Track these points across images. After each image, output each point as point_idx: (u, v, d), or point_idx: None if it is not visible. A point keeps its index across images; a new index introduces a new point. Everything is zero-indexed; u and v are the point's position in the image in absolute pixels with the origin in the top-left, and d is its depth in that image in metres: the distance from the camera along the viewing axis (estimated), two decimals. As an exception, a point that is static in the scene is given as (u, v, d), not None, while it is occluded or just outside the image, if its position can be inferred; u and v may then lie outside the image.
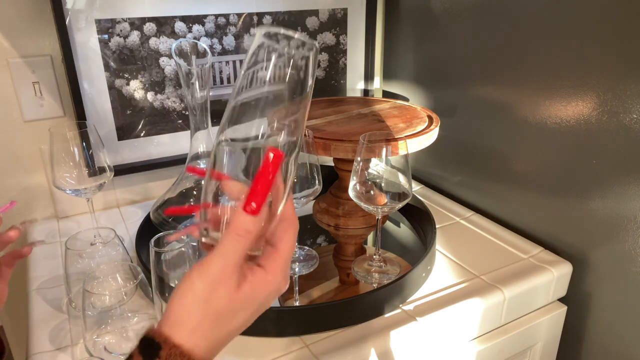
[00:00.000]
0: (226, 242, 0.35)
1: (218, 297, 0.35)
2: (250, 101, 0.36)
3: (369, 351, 0.62)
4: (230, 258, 0.35)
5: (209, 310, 0.35)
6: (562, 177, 0.79)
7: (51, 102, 0.88)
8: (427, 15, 0.99)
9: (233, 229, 0.35)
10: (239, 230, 0.35)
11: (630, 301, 0.73)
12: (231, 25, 0.96)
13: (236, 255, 0.35)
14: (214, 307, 0.35)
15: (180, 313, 0.35)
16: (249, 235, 0.35)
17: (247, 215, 0.35)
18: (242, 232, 0.35)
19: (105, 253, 0.71)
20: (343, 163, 0.84)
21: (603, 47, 0.69)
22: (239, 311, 0.37)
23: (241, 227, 0.35)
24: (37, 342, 0.64)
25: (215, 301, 0.35)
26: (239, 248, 0.35)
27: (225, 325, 0.36)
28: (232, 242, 0.35)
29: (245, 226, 0.35)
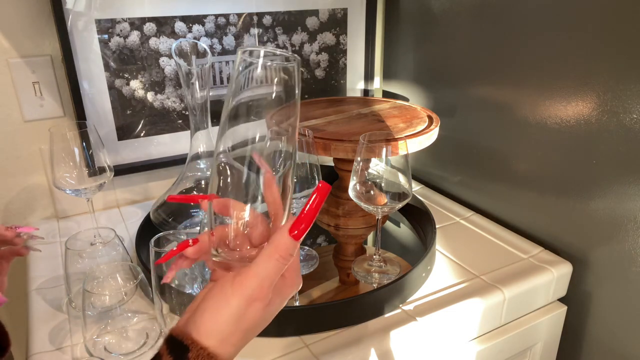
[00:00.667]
0: (267, 263, 0.36)
1: (252, 315, 0.37)
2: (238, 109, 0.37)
3: (369, 351, 0.62)
4: (269, 278, 0.36)
5: (241, 326, 0.37)
6: (562, 177, 0.79)
7: (51, 102, 0.88)
8: (427, 15, 0.99)
9: (277, 251, 0.36)
10: (282, 253, 0.36)
11: (630, 301, 0.73)
12: (231, 25, 0.96)
13: (274, 275, 0.37)
14: (247, 323, 0.37)
15: (213, 326, 0.36)
16: (290, 258, 0.37)
17: (291, 239, 0.36)
18: (286, 255, 0.36)
19: (105, 253, 0.71)
20: (343, 163, 0.84)
21: (603, 47, 0.69)
22: (264, 322, 0.39)
23: (285, 250, 0.36)
24: (37, 342, 0.64)
25: (249, 318, 0.37)
26: (279, 270, 0.37)
27: (252, 335, 0.38)
28: (273, 263, 0.36)
29: (290, 250, 0.36)
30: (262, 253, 0.37)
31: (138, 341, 0.63)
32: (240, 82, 0.37)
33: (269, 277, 0.37)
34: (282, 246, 0.36)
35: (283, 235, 0.36)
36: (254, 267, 0.37)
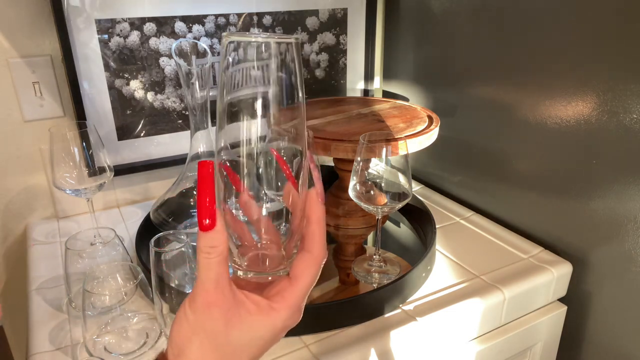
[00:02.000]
0: (199, 266, 0.34)
1: (211, 324, 0.34)
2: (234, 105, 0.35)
3: (369, 351, 0.62)
4: (208, 281, 0.34)
5: (205, 339, 0.34)
6: (562, 177, 0.79)
7: (51, 102, 0.88)
8: (427, 15, 0.99)
9: (199, 250, 0.34)
10: (203, 249, 0.33)
11: (630, 301, 0.73)
12: (231, 25, 0.96)
13: (212, 274, 0.33)
14: (210, 334, 0.34)
15: (181, 344, 0.34)
16: (215, 250, 0.33)
17: (205, 233, 0.33)
18: (207, 250, 0.33)
19: (105, 253, 0.71)
20: (343, 163, 0.84)
21: (603, 47, 0.69)
22: (243, 340, 0.35)
23: (204, 245, 0.33)
24: (37, 342, 0.64)
25: (209, 328, 0.34)
26: (211, 268, 0.33)
27: (230, 355, 0.35)
28: (202, 263, 0.34)
29: (207, 243, 0.33)
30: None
31: (138, 341, 0.63)
32: (231, 75, 0.34)
33: (208, 278, 0.33)
34: (200, 243, 0.34)
35: (198, 233, 0.34)
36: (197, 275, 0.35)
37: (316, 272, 0.36)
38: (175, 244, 0.57)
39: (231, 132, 0.35)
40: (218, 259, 0.33)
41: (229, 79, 0.34)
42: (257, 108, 0.34)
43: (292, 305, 0.36)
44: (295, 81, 0.34)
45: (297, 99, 0.35)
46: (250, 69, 0.33)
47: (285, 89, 0.34)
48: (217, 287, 0.34)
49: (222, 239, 0.33)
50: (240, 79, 0.34)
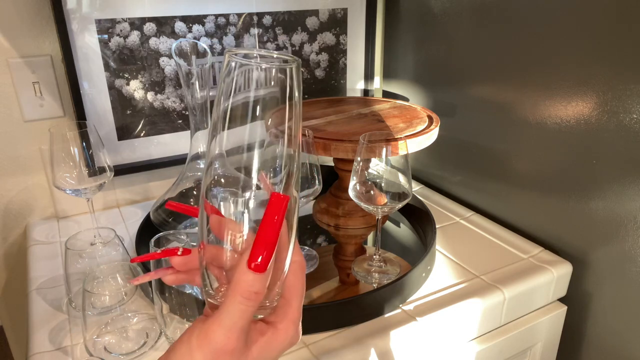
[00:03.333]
0: (230, 307, 0.30)
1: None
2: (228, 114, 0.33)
3: (369, 351, 0.62)
4: (234, 328, 0.30)
5: None
6: (562, 177, 0.79)
7: (51, 102, 0.88)
8: (427, 15, 0.99)
9: (237, 291, 0.30)
10: (244, 293, 0.30)
11: (630, 301, 0.73)
12: (231, 25, 0.96)
13: (242, 321, 0.30)
14: None
15: None
16: (257, 297, 0.30)
17: (252, 274, 0.29)
18: (248, 295, 0.30)
19: (105, 253, 0.71)
20: (343, 163, 0.84)
21: (603, 47, 0.69)
22: None
23: (246, 289, 0.30)
24: (37, 342, 0.64)
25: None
26: (245, 314, 0.30)
27: None
28: (237, 308, 0.30)
29: (252, 287, 0.30)
30: (226, 296, 0.31)
31: (138, 341, 0.63)
32: (231, 84, 0.32)
33: (235, 325, 0.30)
34: (243, 284, 0.30)
35: (243, 270, 0.30)
36: (217, 313, 0.31)
37: (304, 280, 0.35)
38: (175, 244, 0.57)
39: (227, 139, 0.33)
40: (254, 308, 0.30)
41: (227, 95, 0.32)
42: (248, 125, 0.32)
43: (294, 321, 0.34)
44: (293, 105, 0.32)
45: (294, 120, 0.33)
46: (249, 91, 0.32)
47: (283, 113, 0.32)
48: (239, 336, 0.31)
49: (265, 286, 0.31)
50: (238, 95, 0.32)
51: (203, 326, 0.31)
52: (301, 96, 0.33)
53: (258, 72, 0.31)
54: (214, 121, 0.33)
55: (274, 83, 0.31)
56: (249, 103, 0.32)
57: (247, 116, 0.32)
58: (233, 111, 0.32)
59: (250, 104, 0.32)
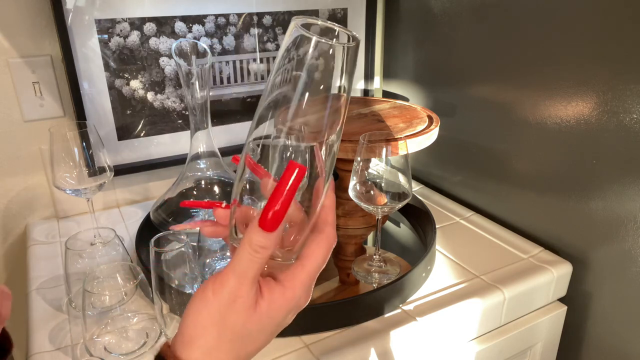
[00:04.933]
0: (241, 259, 0.33)
1: (234, 316, 0.34)
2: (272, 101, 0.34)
3: (369, 351, 0.62)
4: (245, 275, 0.33)
5: (225, 330, 0.33)
6: (562, 177, 0.79)
7: (51, 102, 0.88)
8: (427, 16, 0.99)
9: (248, 244, 0.33)
10: (253, 246, 0.33)
11: (630, 301, 0.73)
12: (231, 25, 0.96)
13: (251, 272, 0.33)
14: (230, 326, 0.34)
15: (194, 332, 0.34)
16: (264, 251, 0.33)
17: (260, 231, 0.32)
18: (257, 248, 0.33)
19: (105, 253, 0.71)
20: (343, 163, 0.84)
21: (603, 47, 0.69)
22: (256, 331, 0.35)
23: (256, 243, 0.33)
24: (37, 342, 0.64)
25: (231, 320, 0.33)
26: (254, 265, 0.33)
27: (243, 346, 0.35)
28: (246, 258, 0.33)
29: (260, 242, 0.33)
30: (238, 248, 0.34)
31: (138, 341, 0.63)
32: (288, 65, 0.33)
33: (245, 273, 0.33)
34: (253, 238, 0.32)
35: (254, 227, 0.33)
36: (230, 263, 0.34)
37: (326, 253, 0.36)
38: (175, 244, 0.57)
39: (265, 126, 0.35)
40: (263, 261, 0.33)
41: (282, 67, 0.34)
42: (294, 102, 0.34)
43: (303, 283, 0.35)
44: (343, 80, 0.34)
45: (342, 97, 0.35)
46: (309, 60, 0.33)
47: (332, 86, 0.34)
48: (251, 285, 0.33)
49: (275, 244, 0.33)
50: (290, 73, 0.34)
51: (217, 276, 0.34)
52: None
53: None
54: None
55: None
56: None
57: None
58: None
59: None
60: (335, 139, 0.36)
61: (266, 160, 0.35)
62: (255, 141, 0.35)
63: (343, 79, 0.34)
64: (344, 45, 0.33)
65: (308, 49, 0.33)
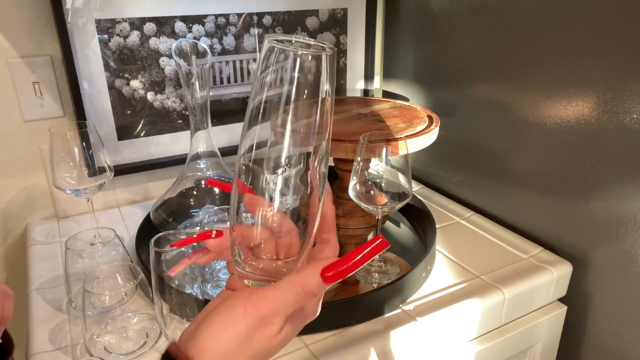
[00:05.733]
0: (288, 292, 0.34)
1: (259, 341, 0.34)
2: (258, 106, 0.35)
3: (369, 351, 0.62)
4: (285, 308, 0.34)
5: (246, 350, 0.34)
6: (562, 177, 0.79)
7: (51, 102, 0.88)
8: (427, 15, 0.99)
9: (302, 285, 0.33)
10: (306, 290, 0.33)
11: (630, 301, 0.73)
12: (231, 25, 0.96)
13: (293, 308, 0.34)
14: (253, 348, 0.34)
15: (215, 344, 0.34)
16: (311, 297, 0.34)
17: (320, 280, 0.33)
18: (309, 293, 0.33)
19: (105, 253, 0.71)
20: (343, 163, 0.84)
21: (603, 47, 0.69)
22: (273, 351, 0.36)
23: (311, 289, 0.33)
24: (37, 342, 0.64)
25: (255, 343, 0.34)
26: (298, 304, 0.34)
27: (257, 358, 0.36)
28: (294, 296, 0.34)
29: (315, 290, 0.33)
30: (285, 279, 0.34)
31: (138, 341, 0.63)
32: (266, 76, 0.34)
33: (285, 308, 0.34)
34: (310, 283, 0.33)
35: (314, 272, 0.33)
36: (273, 291, 0.34)
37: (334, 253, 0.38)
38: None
39: (255, 134, 0.35)
40: (303, 304, 0.35)
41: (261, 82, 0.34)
42: (279, 113, 0.34)
43: (319, 299, 0.38)
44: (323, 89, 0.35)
45: (324, 106, 0.35)
46: (283, 75, 0.34)
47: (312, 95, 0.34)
48: (283, 319, 0.35)
49: (321, 294, 0.36)
50: (272, 82, 0.34)
51: (253, 297, 0.34)
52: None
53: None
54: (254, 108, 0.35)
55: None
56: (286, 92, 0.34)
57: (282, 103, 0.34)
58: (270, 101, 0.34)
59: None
60: (325, 148, 0.36)
61: (257, 180, 0.35)
62: (243, 163, 0.36)
63: (327, 85, 0.35)
64: (326, 54, 0.34)
65: (290, 64, 0.33)
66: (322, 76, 0.34)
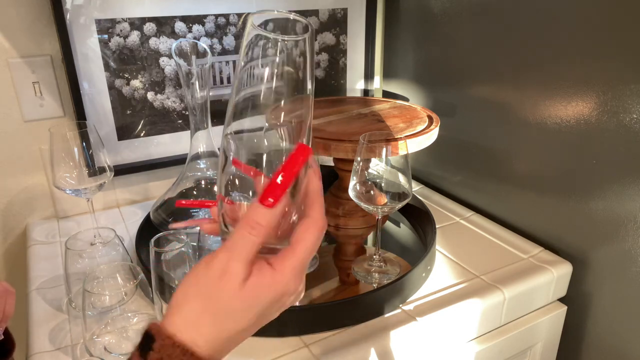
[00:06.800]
0: (235, 236, 0.34)
1: (220, 292, 0.34)
2: (250, 97, 0.36)
3: (369, 351, 0.62)
4: (237, 252, 0.34)
5: (209, 303, 0.34)
6: (562, 177, 0.79)
7: (51, 102, 0.88)
8: (427, 15, 0.99)
9: (245, 221, 0.33)
10: (250, 222, 0.33)
11: (630, 301, 0.73)
12: (231, 25, 0.96)
13: (243, 249, 0.34)
14: (215, 300, 0.34)
15: (180, 301, 0.34)
16: (260, 228, 0.33)
17: (261, 207, 0.33)
18: (253, 224, 0.33)
19: (105, 253, 0.71)
20: (343, 163, 0.84)
21: (603, 47, 0.69)
22: (240, 310, 0.34)
23: (252, 219, 0.33)
24: (37, 342, 0.64)
25: (216, 295, 0.33)
26: (246, 242, 0.33)
27: (225, 323, 0.34)
28: (240, 235, 0.34)
29: (257, 218, 0.33)
30: (235, 227, 0.35)
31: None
32: (251, 56, 0.35)
33: (239, 251, 0.33)
34: (254, 216, 0.33)
35: (254, 205, 0.33)
36: (224, 243, 0.34)
37: (316, 236, 0.36)
38: (175, 244, 0.57)
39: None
40: (257, 239, 0.34)
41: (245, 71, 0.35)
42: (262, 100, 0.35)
43: (292, 267, 0.35)
44: (304, 74, 0.36)
45: (306, 92, 0.36)
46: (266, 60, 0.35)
47: (294, 82, 0.36)
48: (241, 262, 0.34)
49: (273, 222, 0.34)
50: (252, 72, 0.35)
51: (211, 253, 0.34)
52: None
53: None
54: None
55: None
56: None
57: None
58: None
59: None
60: (309, 122, 0.37)
61: (244, 150, 0.37)
62: (231, 135, 0.37)
63: (309, 71, 0.36)
64: (307, 37, 0.35)
65: (277, 50, 0.35)
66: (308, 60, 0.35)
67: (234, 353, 0.37)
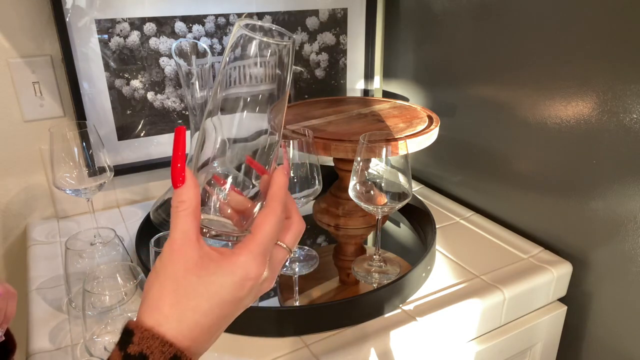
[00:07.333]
0: (170, 220, 0.37)
1: (173, 266, 0.35)
2: (240, 97, 0.40)
3: (369, 351, 0.62)
4: (174, 230, 0.36)
5: (165, 281, 0.35)
6: (562, 177, 0.79)
7: (51, 102, 0.88)
8: (427, 15, 0.99)
9: (172, 205, 0.37)
10: (173, 203, 0.37)
11: (630, 301, 0.73)
12: (231, 25, 0.96)
13: (178, 225, 0.36)
14: (170, 276, 0.35)
15: (147, 288, 0.36)
16: (182, 205, 0.36)
17: (176, 189, 0.37)
18: (176, 204, 0.36)
19: (105, 253, 0.71)
20: (343, 163, 0.84)
21: (603, 47, 0.69)
22: (199, 285, 0.35)
23: (175, 200, 0.37)
24: (37, 342, 0.64)
25: (170, 270, 0.35)
26: (177, 219, 0.36)
27: (185, 298, 0.34)
28: (172, 216, 0.37)
29: (177, 198, 0.36)
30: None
31: (138, 341, 0.63)
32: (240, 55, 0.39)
33: (175, 231, 0.36)
34: (173, 199, 0.37)
35: (174, 191, 0.37)
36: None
37: (273, 224, 0.38)
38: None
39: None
40: (185, 212, 0.36)
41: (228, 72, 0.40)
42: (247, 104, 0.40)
43: (249, 250, 0.37)
44: (284, 80, 0.40)
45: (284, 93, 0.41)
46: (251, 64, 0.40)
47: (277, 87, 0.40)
48: (184, 238, 0.36)
49: (190, 195, 0.37)
50: (238, 75, 0.40)
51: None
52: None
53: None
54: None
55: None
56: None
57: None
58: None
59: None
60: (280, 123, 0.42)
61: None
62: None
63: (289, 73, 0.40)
64: (291, 44, 0.39)
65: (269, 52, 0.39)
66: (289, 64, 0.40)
67: (233, 353, 0.37)
